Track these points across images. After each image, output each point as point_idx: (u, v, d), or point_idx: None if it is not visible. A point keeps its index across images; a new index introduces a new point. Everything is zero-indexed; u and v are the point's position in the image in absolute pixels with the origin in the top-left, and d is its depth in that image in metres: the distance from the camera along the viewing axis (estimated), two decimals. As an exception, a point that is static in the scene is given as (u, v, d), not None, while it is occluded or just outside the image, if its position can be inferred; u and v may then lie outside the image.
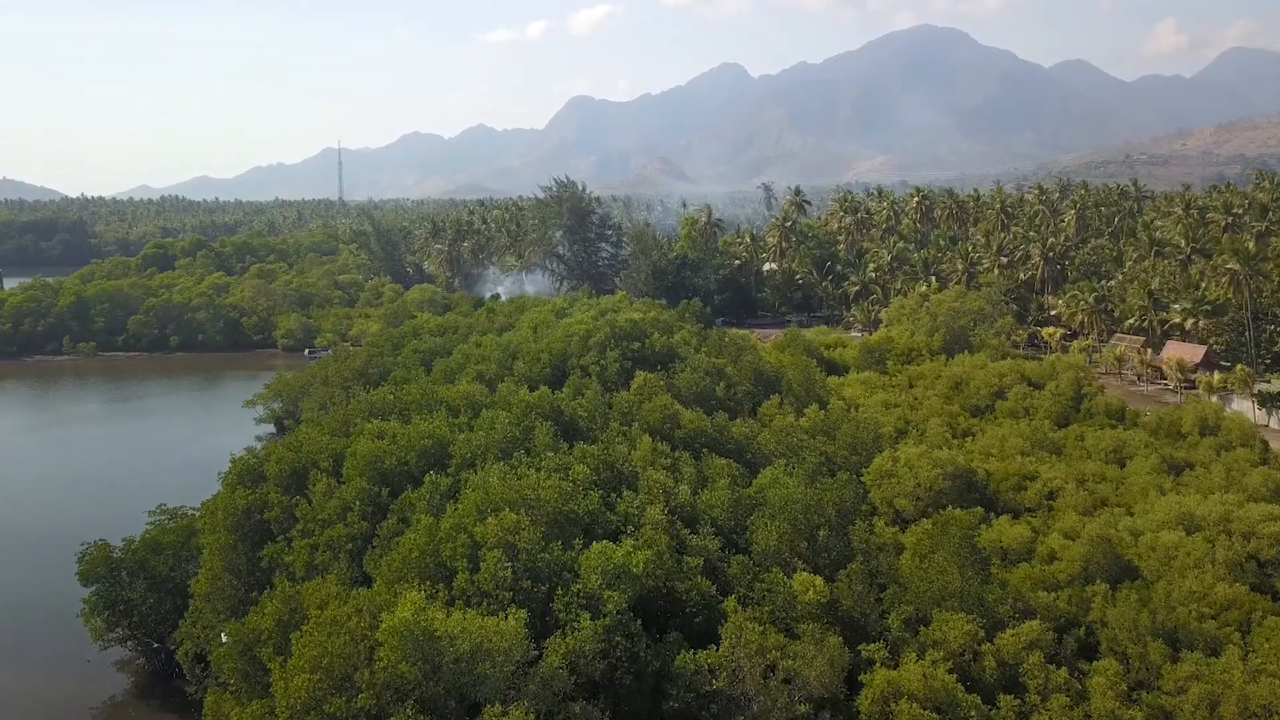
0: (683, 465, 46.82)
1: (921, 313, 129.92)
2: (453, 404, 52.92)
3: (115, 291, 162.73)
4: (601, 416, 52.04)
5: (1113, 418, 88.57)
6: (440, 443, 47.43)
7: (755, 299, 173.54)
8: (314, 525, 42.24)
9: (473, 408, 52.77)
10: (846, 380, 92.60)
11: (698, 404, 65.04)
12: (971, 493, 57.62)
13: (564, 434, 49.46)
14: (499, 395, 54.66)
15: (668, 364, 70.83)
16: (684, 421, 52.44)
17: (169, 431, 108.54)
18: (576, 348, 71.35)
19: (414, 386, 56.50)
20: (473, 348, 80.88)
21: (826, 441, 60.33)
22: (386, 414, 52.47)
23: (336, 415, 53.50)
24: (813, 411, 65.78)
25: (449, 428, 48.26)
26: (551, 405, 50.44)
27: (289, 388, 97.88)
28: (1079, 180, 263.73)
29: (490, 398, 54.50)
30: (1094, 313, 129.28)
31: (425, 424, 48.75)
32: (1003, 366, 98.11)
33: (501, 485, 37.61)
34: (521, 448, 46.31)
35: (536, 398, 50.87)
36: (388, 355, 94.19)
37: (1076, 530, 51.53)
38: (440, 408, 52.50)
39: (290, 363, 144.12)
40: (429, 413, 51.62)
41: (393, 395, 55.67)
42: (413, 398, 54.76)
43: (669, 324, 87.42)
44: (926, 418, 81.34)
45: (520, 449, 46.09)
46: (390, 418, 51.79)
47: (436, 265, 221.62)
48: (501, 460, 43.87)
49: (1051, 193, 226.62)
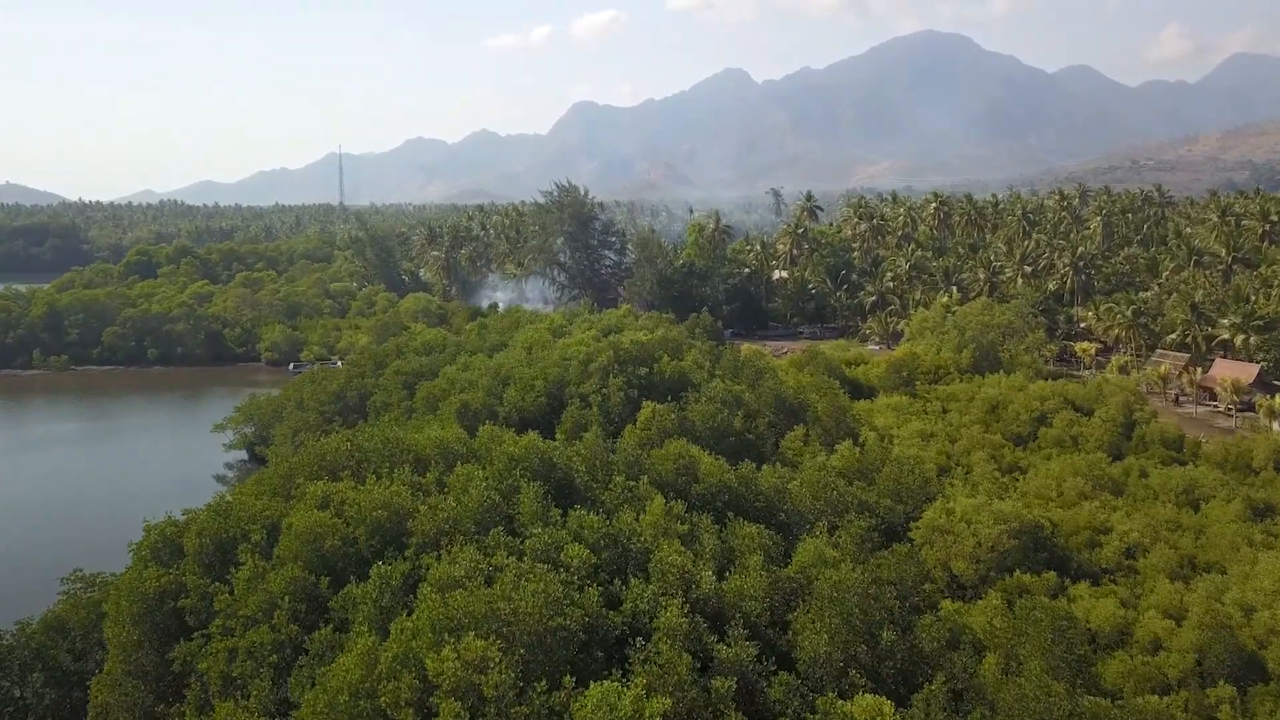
0: (703, 534, 38.18)
1: (947, 326, 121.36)
2: (422, 453, 44.15)
3: (91, 301, 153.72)
4: (603, 468, 43.32)
5: (1170, 448, 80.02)
6: (398, 514, 38.08)
7: (766, 309, 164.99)
8: (235, 623, 33.69)
9: (446, 459, 44.00)
10: (875, 406, 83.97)
11: (714, 440, 56.47)
12: (1039, 551, 48.99)
13: (557, 493, 40.83)
14: (480, 441, 45.87)
15: (679, 392, 62.23)
16: (702, 472, 43.74)
17: (137, 457, 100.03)
18: (575, 373, 62.74)
19: (376, 431, 47.06)
20: (459, 371, 72.31)
21: (865, 489, 51.74)
22: (338, 469, 43.82)
23: (279, 470, 44.64)
24: (846, 449, 57.18)
25: (411, 493, 39.23)
26: (541, 458, 41.67)
27: (261, 411, 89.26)
28: (1086, 186, 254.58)
29: (469, 444, 45.63)
30: (1132, 327, 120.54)
31: (380, 491, 39.13)
32: (1043, 389, 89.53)
33: (467, 597, 28.81)
34: (502, 519, 37.58)
35: (523, 447, 41.94)
36: (369, 376, 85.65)
37: (1175, 604, 42.90)
38: (405, 461, 43.71)
39: (275, 378, 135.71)
40: (391, 469, 42.85)
41: (348, 444, 46.31)
42: (373, 446, 45.67)
43: (678, 342, 78.78)
44: (968, 450, 72.80)
45: (500, 521, 37.40)
46: (343, 474, 43.25)
47: (433, 273, 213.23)
48: (476, 538, 35.18)
49: (1072, 198, 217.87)
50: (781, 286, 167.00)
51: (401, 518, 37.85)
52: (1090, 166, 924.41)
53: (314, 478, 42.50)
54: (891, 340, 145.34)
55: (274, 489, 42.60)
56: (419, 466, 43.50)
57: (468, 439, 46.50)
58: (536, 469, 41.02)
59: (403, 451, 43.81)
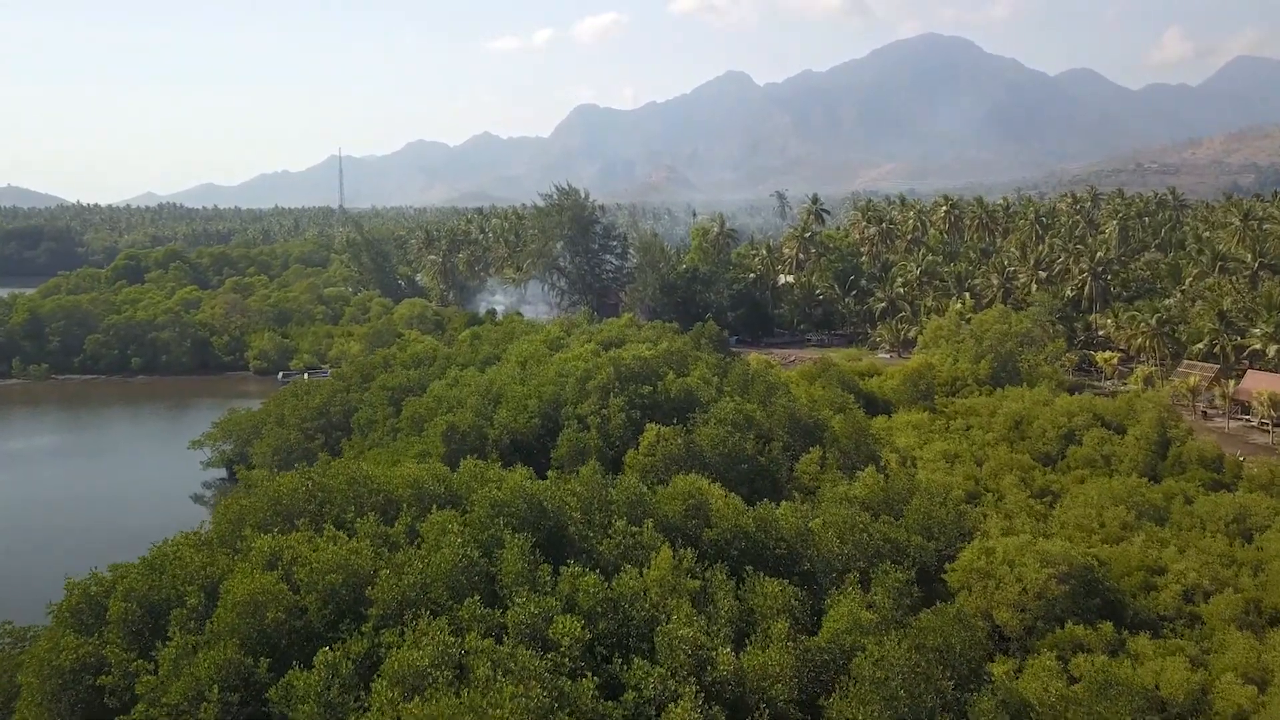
0: (717, 592, 32.90)
1: (963, 335, 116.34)
2: (393, 494, 38.73)
3: (73, 307, 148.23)
4: (601, 509, 37.94)
5: (1209, 468, 74.75)
6: (357, 578, 32.10)
7: (772, 316, 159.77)
8: (160, 712, 28.32)
9: (421, 501, 38.61)
10: (895, 424, 78.80)
11: (725, 467, 51.35)
12: (1090, 596, 43.83)
13: (548, 544, 35.40)
14: (460, 479, 40.43)
15: (685, 413, 57.07)
16: (715, 514, 38.43)
17: (112, 475, 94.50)
18: (572, 392, 57.54)
19: (340, 468, 41.12)
20: (447, 387, 67.11)
21: (892, 524, 46.69)
22: (295, 515, 38.50)
23: (227, 514, 38.95)
24: (869, 477, 52.06)
25: (376, 549, 33.68)
26: (529, 503, 36.20)
27: (239, 427, 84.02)
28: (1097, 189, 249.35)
29: (448, 481, 40.12)
30: (1156, 336, 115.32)
31: (335, 551, 32.72)
32: (1070, 404, 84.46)
33: (428, 710, 23.43)
34: (481, 581, 32.10)
35: (510, 490, 36.44)
36: (355, 390, 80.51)
37: (1253, 665, 37.74)
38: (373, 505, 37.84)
39: (264, 388, 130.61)
40: (357, 513, 37.13)
41: (307, 484, 39.43)
42: (337, 486, 39.15)
43: (683, 355, 73.59)
44: (996, 472, 67.68)
45: (479, 585, 31.98)
46: (300, 521, 38.00)
47: (430, 278, 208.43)
48: (449, 607, 29.74)
49: (1084, 201, 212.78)
50: (788, 292, 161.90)
51: (361, 582, 32.16)
52: (1094, 169, 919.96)
53: (265, 526, 37.03)
54: (902, 348, 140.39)
55: (221, 537, 37.20)
56: (389, 510, 38.16)
57: (447, 474, 41.07)
58: (524, 516, 35.65)
59: (371, 492, 38.47)
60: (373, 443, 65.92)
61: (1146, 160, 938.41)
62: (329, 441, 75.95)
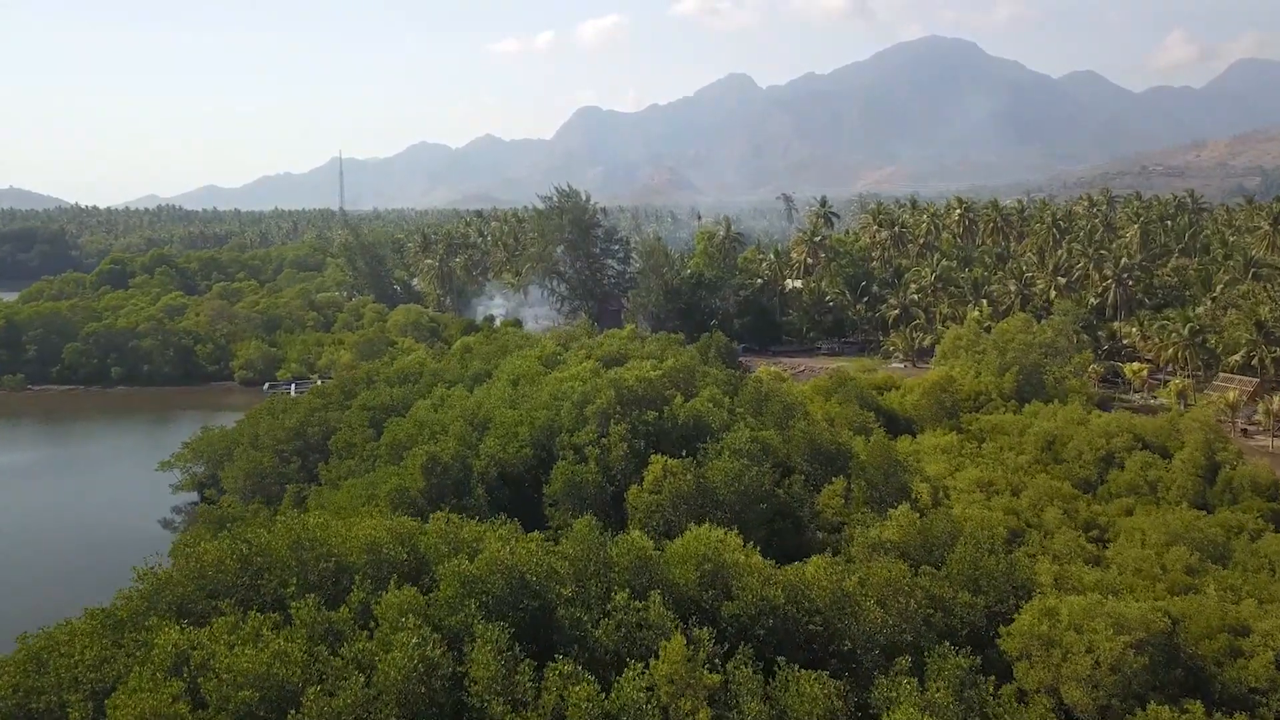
0: (742, 691, 26.48)
1: (984, 345, 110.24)
2: (346, 561, 32.34)
3: (52, 314, 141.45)
4: (598, 576, 31.52)
5: (1263, 495, 68.51)
6: (279, 695, 24.97)
7: (780, 323, 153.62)
8: None
9: (379, 570, 32.17)
10: (922, 446, 72.62)
11: (742, 507, 45.21)
12: (1171, 666, 37.67)
13: (531, 629, 28.86)
14: (429, 539, 33.81)
15: (694, 441, 50.91)
16: (737, 584, 31.78)
17: (80, 496, 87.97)
18: (569, 418, 51.36)
19: (284, 527, 34.04)
20: (431, 409, 60.96)
21: (934, 576, 40.59)
22: (223, 591, 31.86)
23: (139, 593, 31.72)
24: (903, 517, 45.89)
25: (310, 650, 27.21)
26: (508, 579, 29.57)
27: (212, 447, 77.80)
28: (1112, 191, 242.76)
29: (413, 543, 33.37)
30: (1189, 346, 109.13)
31: (252, 657, 25.29)
32: (1108, 423, 78.35)
33: None
34: (442, 695, 25.47)
35: (485, 564, 29.74)
36: (334, 409, 74.34)
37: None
38: (321, 576, 31.03)
39: (250, 399, 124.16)
40: (298, 592, 29.83)
41: (242, 549, 31.79)
42: (279, 551, 31.39)
43: (690, 371, 67.36)
44: (1036, 503, 61.49)
45: (438, 698, 25.45)
46: (225, 603, 30.61)
47: (427, 282, 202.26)
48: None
49: (1100, 203, 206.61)
50: (796, 298, 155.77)
51: (285, 700, 25.21)
52: (1098, 172, 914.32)
53: (182, 609, 29.84)
54: (916, 357, 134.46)
55: (126, 619, 30.52)
56: (341, 580, 31.61)
57: (414, 532, 34.58)
58: (502, 596, 29.18)
59: (319, 558, 31.95)
60: (349, 470, 59.78)
61: (1151, 163, 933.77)
62: (306, 465, 69.88)
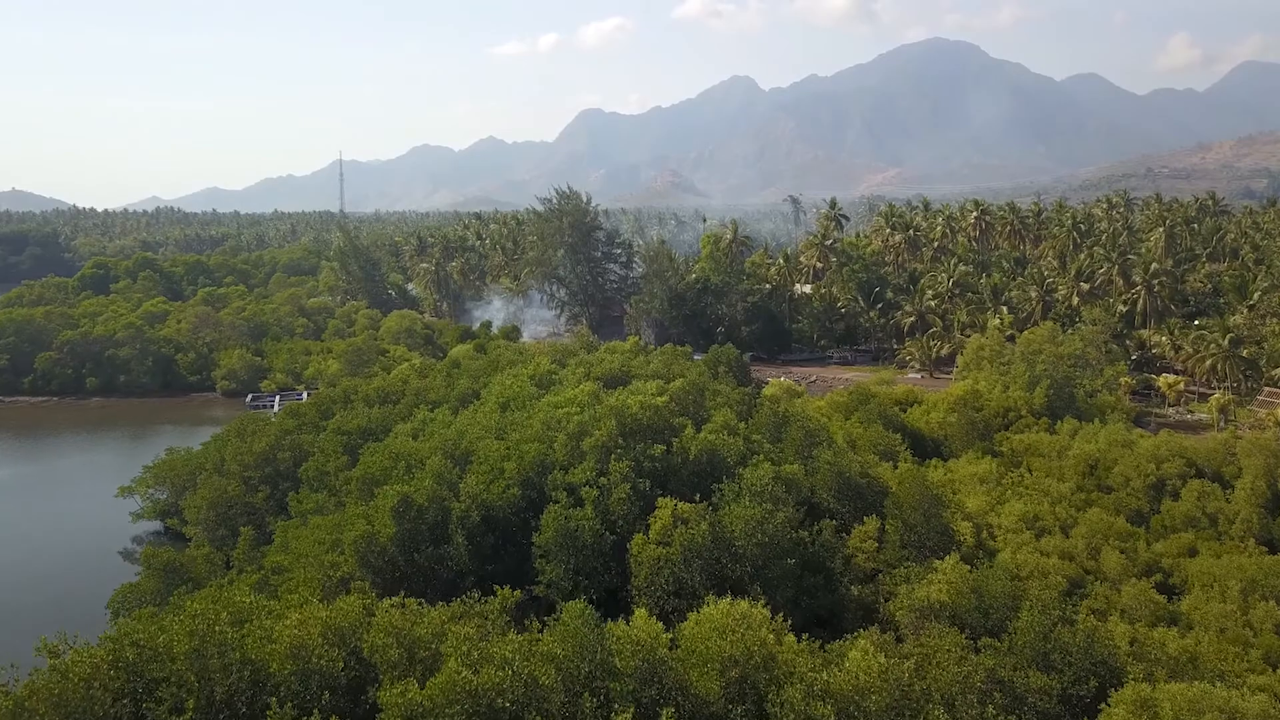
0: None
1: (1008, 355, 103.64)
2: (265, 670, 24.20)
3: (26, 321, 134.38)
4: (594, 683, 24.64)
5: (1333, 528, 62.06)
6: None
7: (789, 330, 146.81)
8: None
9: (305, 686, 24.40)
10: (957, 476, 65.69)
11: (765, 562, 38.53)
12: (1292, 770, 30.88)
13: None
14: (374, 639, 25.89)
15: (708, 480, 44.23)
16: (774, 702, 24.46)
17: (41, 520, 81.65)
18: (563, 452, 44.68)
19: (182, 627, 24.96)
20: (408, 437, 54.28)
21: (998, 649, 33.96)
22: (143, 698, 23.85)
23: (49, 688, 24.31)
24: (952, 570, 39.20)
25: None
26: (472, 707, 22.53)
27: (175, 472, 71.07)
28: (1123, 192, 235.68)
29: (353, 646, 25.82)
30: (1229, 358, 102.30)
31: None
32: (1155, 445, 71.46)
33: None
34: None
35: (442, 688, 22.26)
36: (308, 431, 67.62)
37: None
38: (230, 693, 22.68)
39: (232, 412, 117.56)
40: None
41: (130, 653, 24.44)
42: (177, 657, 23.43)
43: (700, 391, 60.64)
44: (1091, 542, 54.67)
45: None
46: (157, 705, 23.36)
47: (422, 287, 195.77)
48: None
49: (1119, 205, 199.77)
50: (806, 304, 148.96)
51: None
52: (1103, 174, 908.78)
53: None
54: (934, 367, 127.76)
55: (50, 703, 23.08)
56: (256, 697, 24.49)
57: (356, 625, 27.26)
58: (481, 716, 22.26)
59: (227, 669, 24.57)
60: (318, 505, 53.09)
61: (1157, 165, 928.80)
62: (275, 493, 63.19)
